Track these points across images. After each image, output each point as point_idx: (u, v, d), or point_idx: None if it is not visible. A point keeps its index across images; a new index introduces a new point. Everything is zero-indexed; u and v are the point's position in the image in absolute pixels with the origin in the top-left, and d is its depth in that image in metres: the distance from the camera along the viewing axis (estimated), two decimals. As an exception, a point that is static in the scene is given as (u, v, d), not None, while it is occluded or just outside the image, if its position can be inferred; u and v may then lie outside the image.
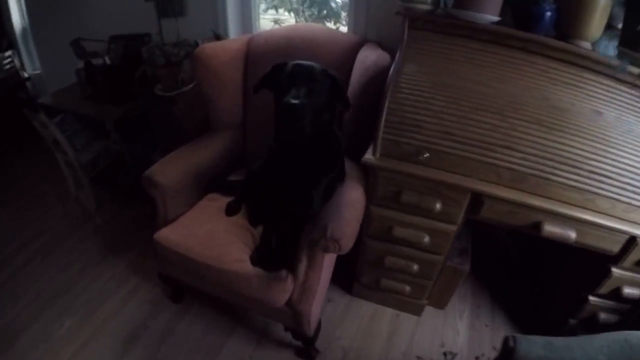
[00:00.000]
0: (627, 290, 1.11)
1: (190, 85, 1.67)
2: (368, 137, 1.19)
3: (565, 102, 1.09)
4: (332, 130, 1.07)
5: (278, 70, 1.02)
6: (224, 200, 1.38)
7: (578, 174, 1.04)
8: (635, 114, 1.09)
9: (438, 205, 1.13)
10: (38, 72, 2.65)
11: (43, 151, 2.08)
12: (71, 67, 2.04)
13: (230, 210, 1.32)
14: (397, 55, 1.20)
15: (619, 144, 1.05)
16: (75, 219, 1.93)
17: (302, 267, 1.14)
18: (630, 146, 1.05)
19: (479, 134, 1.06)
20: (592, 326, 1.20)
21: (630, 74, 1.09)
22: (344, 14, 1.99)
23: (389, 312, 1.52)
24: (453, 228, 1.19)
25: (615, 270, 1.11)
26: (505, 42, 1.14)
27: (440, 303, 1.51)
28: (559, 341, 0.81)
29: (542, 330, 1.36)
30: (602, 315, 1.19)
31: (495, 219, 1.11)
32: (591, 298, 1.18)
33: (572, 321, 1.25)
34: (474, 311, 1.54)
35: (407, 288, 1.42)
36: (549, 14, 1.09)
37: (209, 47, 1.42)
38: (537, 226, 1.08)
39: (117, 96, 1.83)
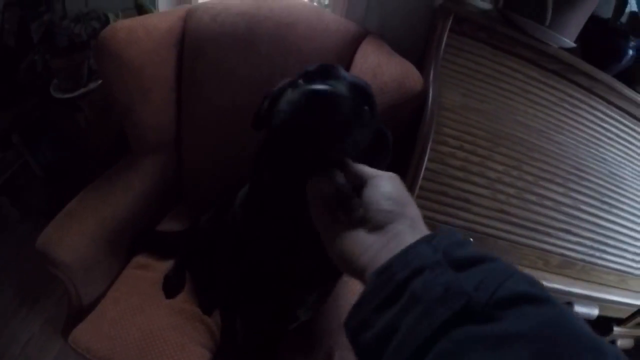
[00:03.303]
0: (620, 342, 1.10)
1: (101, 81, 1.04)
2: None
3: (620, 164, 0.90)
4: None
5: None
6: (157, 267, 0.93)
7: (623, 257, 0.90)
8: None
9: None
10: None
11: None
12: None
13: (169, 289, 0.89)
14: (429, 73, 0.81)
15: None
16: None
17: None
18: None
19: (538, 214, 0.81)
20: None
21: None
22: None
23: None
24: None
25: (616, 330, 1.07)
26: (571, 78, 0.85)
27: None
28: None
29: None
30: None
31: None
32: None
33: None
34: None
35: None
36: (631, 52, 0.82)
37: (124, 28, 0.81)
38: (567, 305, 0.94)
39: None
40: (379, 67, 0.83)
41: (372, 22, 1.01)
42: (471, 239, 0.78)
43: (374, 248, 0.27)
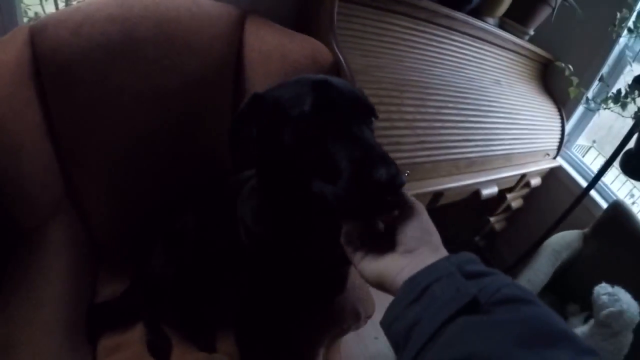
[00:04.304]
0: (514, 204, 1.49)
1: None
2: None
3: (481, 78, 1.17)
4: None
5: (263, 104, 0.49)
6: (128, 340, 0.79)
7: (503, 144, 1.21)
8: (519, 76, 1.29)
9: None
10: None
11: None
12: None
13: (160, 353, 0.78)
14: (330, 43, 0.90)
15: (517, 107, 1.26)
16: None
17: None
18: (524, 106, 1.28)
19: (445, 134, 1.02)
20: (492, 237, 1.58)
21: (514, 43, 1.24)
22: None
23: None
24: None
25: (509, 196, 1.44)
26: (436, 21, 1.05)
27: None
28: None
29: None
30: (497, 226, 1.57)
31: (447, 202, 1.19)
32: (491, 218, 1.53)
33: (477, 239, 1.62)
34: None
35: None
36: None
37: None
38: (477, 193, 1.23)
39: None
40: (283, 46, 0.84)
41: (244, 0, 0.94)
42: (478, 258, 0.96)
43: (406, 270, 0.34)
